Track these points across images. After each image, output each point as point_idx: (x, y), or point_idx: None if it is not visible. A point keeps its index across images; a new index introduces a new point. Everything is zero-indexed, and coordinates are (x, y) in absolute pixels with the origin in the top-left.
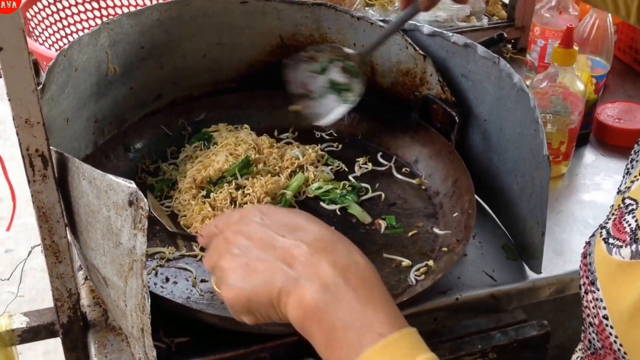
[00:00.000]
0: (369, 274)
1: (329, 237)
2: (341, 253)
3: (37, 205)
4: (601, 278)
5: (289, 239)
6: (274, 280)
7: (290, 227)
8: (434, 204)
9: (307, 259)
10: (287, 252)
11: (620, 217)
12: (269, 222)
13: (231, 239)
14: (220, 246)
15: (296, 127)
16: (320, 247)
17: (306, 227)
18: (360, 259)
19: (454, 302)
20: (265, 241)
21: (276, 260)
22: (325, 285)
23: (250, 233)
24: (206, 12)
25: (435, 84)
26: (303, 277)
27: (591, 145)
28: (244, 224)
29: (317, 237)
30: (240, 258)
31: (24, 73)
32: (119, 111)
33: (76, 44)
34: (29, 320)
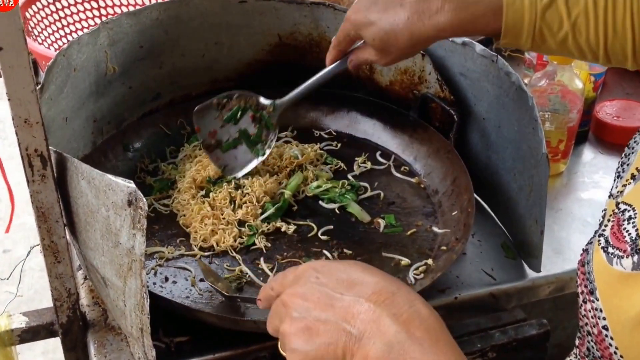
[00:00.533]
0: (433, 324)
1: (388, 288)
2: (402, 305)
3: (36, 205)
4: (601, 288)
5: (347, 295)
6: (337, 341)
7: (347, 283)
8: (433, 202)
9: (368, 315)
10: (347, 310)
11: (618, 225)
12: (324, 280)
13: (289, 303)
14: (280, 310)
15: (295, 125)
16: (380, 302)
17: (363, 280)
18: (423, 308)
19: (453, 301)
20: (324, 301)
21: (337, 320)
22: (389, 342)
23: (307, 294)
24: (205, 12)
25: (433, 83)
26: (366, 336)
27: (590, 143)
28: (299, 286)
29: (375, 290)
30: (300, 321)
31: (24, 73)
32: (117, 111)
33: (75, 43)
34: (28, 320)
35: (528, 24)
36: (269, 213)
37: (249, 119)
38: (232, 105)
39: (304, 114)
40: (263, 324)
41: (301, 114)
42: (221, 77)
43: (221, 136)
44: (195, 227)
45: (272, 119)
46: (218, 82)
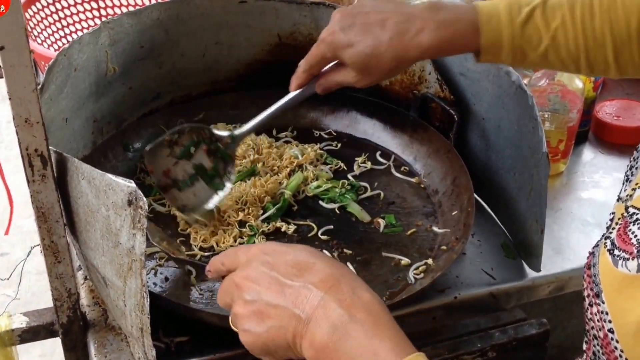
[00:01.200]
0: (373, 307)
1: (334, 275)
2: (346, 291)
3: (36, 205)
4: (607, 291)
5: (296, 282)
6: (287, 325)
7: (296, 268)
8: (433, 202)
9: (316, 301)
10: (297, 296)
11: (625, 227)
12: (275, 264)
13: (241, 285)
14: (232, 290)
15: (295, 125)
16: (326, 288)
17: (311, 266)
18: (365, 293)
19: (452, 301)
20: (275, 287)
21: (287, 305)
22: (333, 324)
23: (259, 279)
24: (205, 12)
25: (433, 82)
26: (313, 319)
27: (590, 143)
28: (251, 269)
29: (322, 277)
30: (252, 304)
31: (25, 72)
32: (117, 111)
33: (76, 43)
34: (28, 320)
35: (507, 41)
36: (269, 213)
37: (203, 153)
38: (183, 140)
39: (303, 114)
40: None
41: (301, 114)
42: (221, 77)
43: (176, 174)
44: (196, 227)
45: (229, 149)
46: (218, 82)
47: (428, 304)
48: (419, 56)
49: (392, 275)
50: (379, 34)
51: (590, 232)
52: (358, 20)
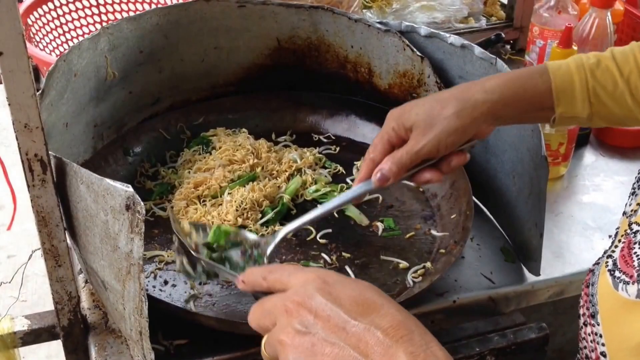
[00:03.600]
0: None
1: (405, 324)
2: (419, 344)
3: (37, 209)
4: (603, 313)
5: (362, 322)
6: None
7: (362, 306)
8: (432, 206)
9: (383, 349)
10: (361, 339)
11: (629, 248)
12: (337, 296)
13: (294, 312)
14: (278, 314)
15: (294, 129)
16: (397, 337)
17: (379, 308)
18: (439, 351)
19: (451, 305)
20: (335, 322)
21: (347, 346)
22: None
23: (317, 310)
24: (204, 16)
25: (432, 86)
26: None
27: (591, 145)
28: (307, 297)
29: (393, 323)
30: (305, 336)
31: (24, 78)
32: (118, 115)
33: (76, 48)
34: (30, 323)
35: (580, 86)
36: (268, 217)
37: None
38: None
39: (303, 118)
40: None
41: (300, 118)
42: (221, 82)
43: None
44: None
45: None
46: (218, 87)
47: (427, 308)
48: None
49: (391, 278)
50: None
51: (591, 236)
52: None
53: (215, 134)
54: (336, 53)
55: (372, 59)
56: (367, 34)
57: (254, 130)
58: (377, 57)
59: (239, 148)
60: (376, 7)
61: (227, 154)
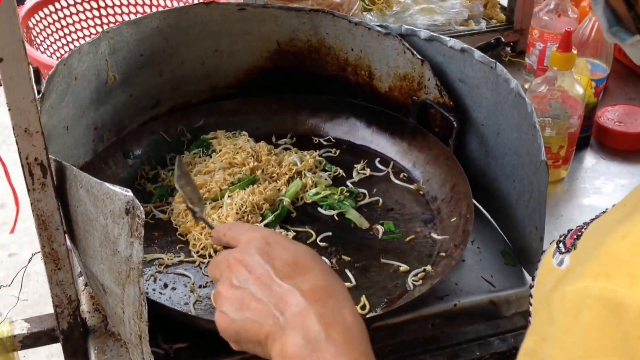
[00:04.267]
0: (353, 332)
1: (324, 287)
2: (331, 307)
3: (37, 213)
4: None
5: (286, 284)
6: (264, 323)
7: (291, 268)
8: (432, 209)
9: (298, 309)
10: (281, 298)
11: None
12: (272, 257)
13: (233, 267)
14: (223, 268)
15: (294, 132)
16: (313, 299)
17: (306, 271)
18: (350, 316)
19: (452, 308)
20: (263, 280)
21: (269, 304)
22: (308, 338)
23: (252, 267)
24: (204, 20)
25: (433, 89)
26: (290, 326)
27: (592, 148)
28: (247, 254)
29: (312, 286)
30: (237, 290)
31: (24, 84)
32: (118, 118)
33: (76, 52)
34: (29, 326)
35: None
36: (268, 220)
37: None
38: None
39: (303, 121)
40: None
41: (300, 120)
42: (221, 84)
43: None
44: (195, 235)
45: None
46: (218, 89)
47: (427, 311)
48: None
49: (391, 281)
50: None
51: None
52: None
53: (216, 136)
54: (336, 56)
55: (373, 62)
56: (368, 37)
57: (255, 133)
58: (377, 60)
59: (239, 151)
60: (376, 9)
61: (227, 157)
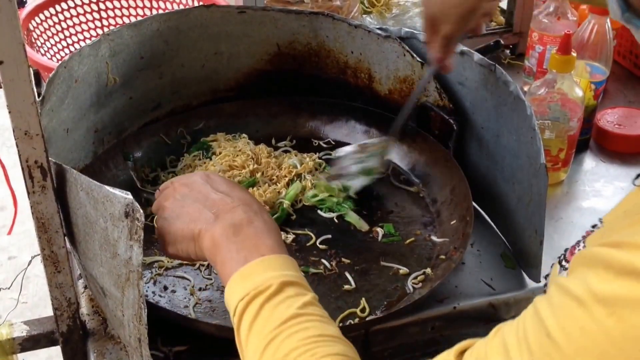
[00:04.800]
0: (270, 225)
1: (251, 199)
2: (255, 209)
3: (37, 215)
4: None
5: (221, 193)
6: (198, 221)
7: (225, 189)
8: (432, 211)
9: (228, 207)
10: (215, 202)
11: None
12: (212, 180)
13: (177, 188)
14: (168, 192)
15: (294, 135)
16: (240, 202)
17: (237, 191)
18: (267, 216)
19: (451, 311)
20: (202, 193)
21: (205, 208)
22: (234, 224)
23: (193, 186)
24: (204, 22)
25: (432, 91)
26: (220, 219)
27: (591, 151)
28: (190, 180)
29: (241, 196)
30: (178, 202)
31: (24, 86)
32: (118, 121)
33: (76, 55)
34: (29, 329)
35: None
36: None
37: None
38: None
39: (303, 124)
40: None
41: (300, 123)
42: (221, 87)
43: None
44: None
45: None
46: (218, 92)
47: (427, 314)
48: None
49: (391, 284)
50: None
51: None
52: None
53: (216, 139)
54: (336, 59)
55: (372, 65)
56: (367, 39)
57: (254, 136)
58: (377, 62)
59: (239, 153)
60: (376, 12)
61: (227, 160)
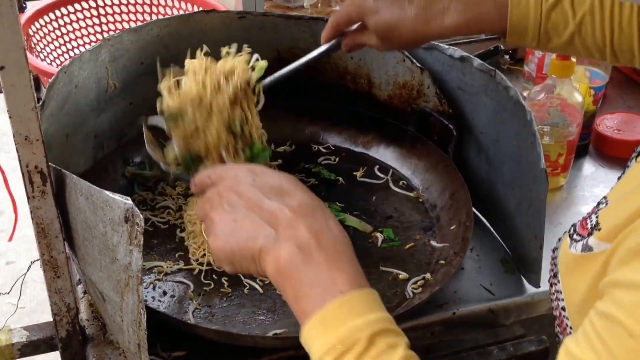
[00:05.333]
0: (340, 240)
1: (310, 204)
2: (318, 220)
3: (36, 220)
4: (562, 271)
5: (275, 202)
6: (257, 238)
7: (278, 191)
8: (431, 216)
9: (288, 222)
10: (272, 214)
11: (589, 215)
12: (259, 184)
13: (224, 194)
14: (214, 199)
15: (293, 140)
16: (301, 214)
17: (292, 192)
18: (335, 226)
19: (451, 317)
20: (254, 201)
21: (261, 221)
22: (300, 246)
23: (242, 192)
24: (204, 28)
25: (432, 97)
26: (282, 238)
27: (590, 156)
28: (236, 182)
29: (300, 203)
30: (229, 214)
31: (25, 91)
32: (118, 126)
33: (77, 60)
34: (28, 334)
35: (533, 24)
36: None
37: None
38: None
39: (302, 129)
40: (261, 340)
41: (299, 128)
42: None
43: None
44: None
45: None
46: None
47: (426, 319)
48: (440, 34)
49: (390, 289)
50: (406, 7)
51: None
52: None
53: None
54: (336, 64)
55: (372, 70)
56: None
57: None
58: (376, 68)
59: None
60: None
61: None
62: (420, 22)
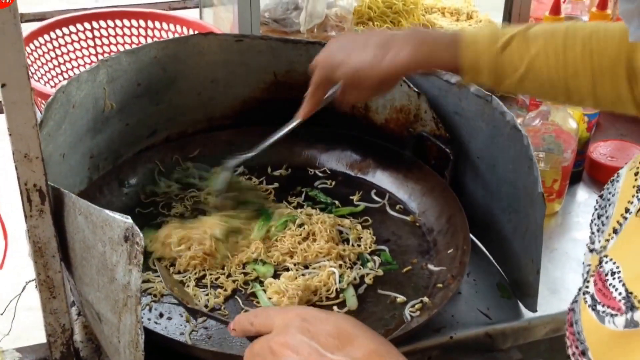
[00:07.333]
0: None
1: (378, 351)
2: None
3: (33, 240)
4: (594, 349)
5: (337, 355)
6: None
7: (337, 339)
8: (428, 240)
9: None
10: None
11: (602, 281)
12: (314, 332)
13: (278, 352)
14: (265, 355)
15: (290, 164)
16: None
17: (354, 339)
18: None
19: (448, 341)
20: (314, 357)
21: None
22: None
23: (298, 347)
24: (202, 50)
25: (429, 121)
26: None
27: (584, 183)
28: (289, 336)
29: (365, 353)
30: None
31: (26, 109)
32: (114, 147)
33: (75, 80)
34: (21, 356)
35: (485, 65)
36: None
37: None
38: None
39: (298, 152)
40: None
41: (296, 152)
42: (217, 115)
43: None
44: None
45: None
46: (214, 120)
47: (424, 344)
48: (400, 72)
49: (388, 312)
50: (361, 54)
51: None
52: (347, 45)
53: None
54: None
55: None
56: None
57: (250, 164)
58: None
59: None
60: None
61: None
62: (379, 64)
